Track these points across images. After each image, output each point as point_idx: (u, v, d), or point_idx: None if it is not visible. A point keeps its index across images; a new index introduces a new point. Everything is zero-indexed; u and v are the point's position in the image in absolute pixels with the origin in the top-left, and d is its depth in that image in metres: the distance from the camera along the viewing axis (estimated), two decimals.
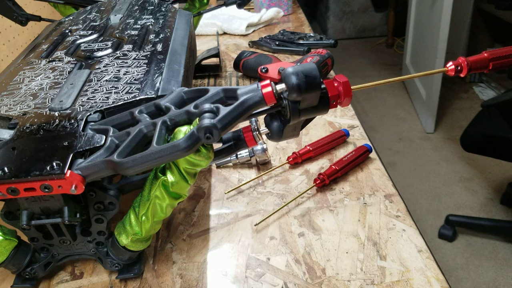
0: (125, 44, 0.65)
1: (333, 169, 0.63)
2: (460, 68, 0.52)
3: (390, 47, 3.57)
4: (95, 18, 0.77)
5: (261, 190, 0.64)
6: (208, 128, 0.38)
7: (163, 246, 0.55)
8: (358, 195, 0.61)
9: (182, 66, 0.61)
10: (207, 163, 0.43)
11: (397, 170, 2.18)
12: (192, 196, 0.63)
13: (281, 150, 0.73)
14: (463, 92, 2.83)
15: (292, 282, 0.49)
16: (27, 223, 0.44)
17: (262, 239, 0.55)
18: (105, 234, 0.48)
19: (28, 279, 0.50)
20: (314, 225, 0.57)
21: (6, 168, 0.40)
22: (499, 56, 0.52)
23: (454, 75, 0.53)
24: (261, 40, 1.19)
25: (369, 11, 3.66)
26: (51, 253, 0.49)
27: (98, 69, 0.58)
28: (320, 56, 0.92)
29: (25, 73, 0.59)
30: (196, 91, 0.46)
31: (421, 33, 2.53)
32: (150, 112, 0.46)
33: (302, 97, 0.41)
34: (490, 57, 0.52)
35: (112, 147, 0.42)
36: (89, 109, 0.49)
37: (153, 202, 0.44)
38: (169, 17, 0.78)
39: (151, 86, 0.53)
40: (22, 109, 0.50)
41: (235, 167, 0.69)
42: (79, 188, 0.39)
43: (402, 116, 2.65)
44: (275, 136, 0.47)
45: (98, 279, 0.51)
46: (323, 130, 0.78)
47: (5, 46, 1.11)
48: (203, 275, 0.51)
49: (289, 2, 1.51)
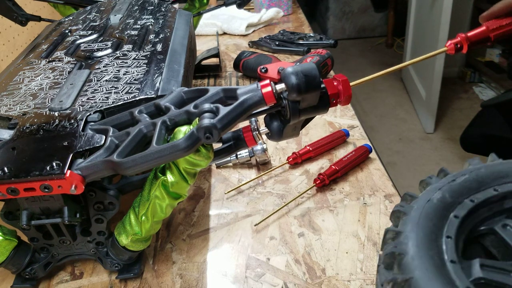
0: (125, 44, 0.65)
1: (333, 169, 0.63)
2: (460, 46, 0.50)
3: (390, 47, 3.57)
4: (95, 18, 0.77)
5: (261, 190, 0.64)
6: (208, 128, 0.38)
7: (163, 246, 0.55)
8: (358, 195, 0.61)
9: (182, 66, 0.61)
10: (207, 163, 0.43)
11: (397, 170, 2.18)
12: (192, 196, 0.63)
13: (281, 150, 0.73)
14: (463, 92, 2.82)
15: (292, 282, 0.49)
16: (27, 223, 0.44)
17: (262, 239, 0.55)
18: (105, 234, 0.48)
19: (28, 279, 0.50)
20: (314, 225, 0.57)
21: (6, 168, 0.40)
22: (500, 26, 0.50)
23: (455, 54, 0.51)
24: (261, 40, 1.19)
25: (369, 11, 3.66)
26: (51, 253, 0.49)
27: (98, 69, 0.58)
28: (320, 56, 0.92)
29: (25, 73, 0.59)
30: (196, 91, 0.46)
31: (421, 33, 2.53)
32: (150, 112, 0.46)
33: (302, 97, 0.41)
34: (491, 27, 0.50)
35: (112, 147, 0.42)
36: (89, 109, 0.49)
37: (153, 202, 0.44)
38: (169, 17, 0.78)
39: (151, 86, 0.53)
40: (22, 109, 0.50)
41: (235, 167, 0.69)
42: (79, 188, 0.39)
43: (402, 116, 2.64)
44: (275, 136, 0.47)
45: (98, 279, 0.51)
46: (323, 130, 0.78)
47: (5, 46, 1.11)
48: (203, 275, 0.51)
49: (289, 2, 1.51)
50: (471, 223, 0.33)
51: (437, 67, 2.17)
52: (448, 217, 0.31)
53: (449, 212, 0.32)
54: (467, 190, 0.33)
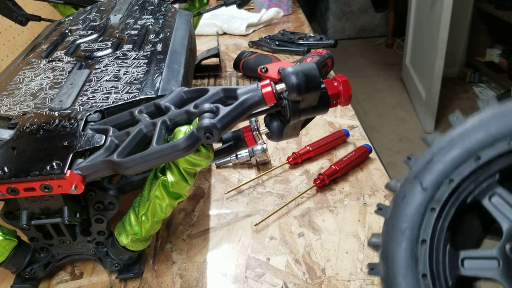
0: (125, 44, 0.65)
1: (333, 169, 0.63)
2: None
3: (390, 47, 3.57)
4: (95, 18, 0.77)
5: (261, 190, 0.64)
6: (208, 128, 0.38)
7: (163, 246, 0.55)
8: (358, 195, 0.61)
9: (182, 66, 0.61)
10: (207, 163, 0.43)
11: (397, 170, 2.18)
12: (192, 196, 0.63)
13: (281, 150, 0.73)
14: (463, 92, 2.82)
15: (292, 282, 0.49)
16: (27, 223, 0.44)
17: (262, 239, 0.55)
18: (105, 234, 0.48)
19: (28, 279, 0.50)
20: (314, 225, 0.57)
21: (6, 168, 0.40)
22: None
23: None
24: (261, 40, 1.19)
25: (369, 11, 3.66)
26: (51, 253, 0.49)
27: (98, 69, 0.58)
28: (320, 56, 0.92)
29: (25, 73, 0.59)
30: (196, 91, 0.46)
31: (421, 33, 2.52)
32: (150, 112, 0.46)
33: (302, 97, 0.41)
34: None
35: (112, 147, 0.42)
36: (89, 109, 0.49)
37: (153, 202, 0.44)
38: (169, 17, 0.78)
39: (151, 86, 0.53)
40: (22, 109, 0.50)
41: (235, 167, 0.69)
42: (79, 188, 0.39)
43: (402, 116, 2.64)
44: (275, 136, 0.47)
45: (98, 279, 0.51)
46: (323, 130, 0.78)
47: (5, 46, 1.11)
48: (203, 275, 0.51)
49: (289, 2, 1.51)
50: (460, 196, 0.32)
51: (437, 67, 2.16)
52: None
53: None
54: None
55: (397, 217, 0.31)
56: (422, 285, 0.29)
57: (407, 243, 0.30)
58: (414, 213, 0.30)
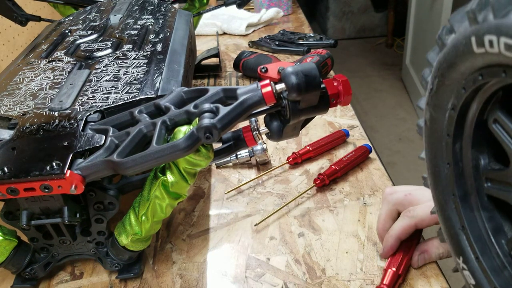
0: (125, 44, 0.65)
1: (333, 169, 0.63)
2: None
3: (390, 47, 3.57)
4: (95, 18, 0.77)
5: (261, 190, 0.64)
6: (207, 128, 0.38)
7: (163, 246, 0.55)
8: (358, 195, 0.61)
9: (182, 66, 0.61)
10: (207, 163, 0.43)
11: (397, 170, 2.18)
12: (192, 196, 0.63)
13: (281, 150, 0.73)
14: None
15: (292, 282, 0.49)
16: (27, 223, 0.44)
17: (262, 239, 0.55)
18: (105, 234, 0.48)
19: (28, 279, 0.50)
20: (314, 225, 0.57)
21: (6, 168, 0.40)
22: None
23: None
24: (261, 40, 1.19)
25: (369, 11, 3.66)
26: (51, 253, 0.49)
27: (98, 69, 0.58)
28: (320, 56, 0.92)
29: (25, 73, 0.59)
30: (195, 91, 0.46)
31: (421, 33, 2.52)
32: (150, 112, 0.46)
33: (301, 96, 0.41)
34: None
35: (112, 147, 0.42)
36: (89, 109, 0.49)
37: (153, 202, 0.44)
38: (169, 17, 0.78)
39: (151, 86, 0.53)
40: (22, 109, 0.50)
41: (235, 167, 0.69)
42: (79, 188, 0.39)
43: (402, 116, 2.64)
44: (275, 136, 0.47)
45: (98, 279, 0.51)
46: (323, 130, 0.78)
47: (5, 46, 1.11)
48: (203, 275, 0.51)
49: (289, 2, 1.51)
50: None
51: None
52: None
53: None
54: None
55: None
56: None
57: None
58: None
